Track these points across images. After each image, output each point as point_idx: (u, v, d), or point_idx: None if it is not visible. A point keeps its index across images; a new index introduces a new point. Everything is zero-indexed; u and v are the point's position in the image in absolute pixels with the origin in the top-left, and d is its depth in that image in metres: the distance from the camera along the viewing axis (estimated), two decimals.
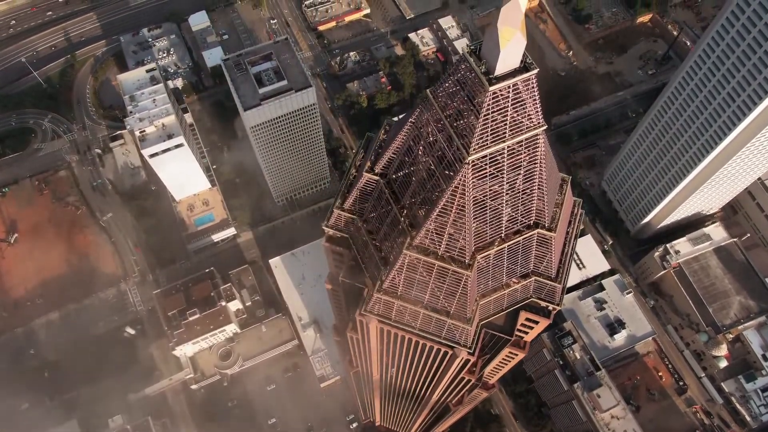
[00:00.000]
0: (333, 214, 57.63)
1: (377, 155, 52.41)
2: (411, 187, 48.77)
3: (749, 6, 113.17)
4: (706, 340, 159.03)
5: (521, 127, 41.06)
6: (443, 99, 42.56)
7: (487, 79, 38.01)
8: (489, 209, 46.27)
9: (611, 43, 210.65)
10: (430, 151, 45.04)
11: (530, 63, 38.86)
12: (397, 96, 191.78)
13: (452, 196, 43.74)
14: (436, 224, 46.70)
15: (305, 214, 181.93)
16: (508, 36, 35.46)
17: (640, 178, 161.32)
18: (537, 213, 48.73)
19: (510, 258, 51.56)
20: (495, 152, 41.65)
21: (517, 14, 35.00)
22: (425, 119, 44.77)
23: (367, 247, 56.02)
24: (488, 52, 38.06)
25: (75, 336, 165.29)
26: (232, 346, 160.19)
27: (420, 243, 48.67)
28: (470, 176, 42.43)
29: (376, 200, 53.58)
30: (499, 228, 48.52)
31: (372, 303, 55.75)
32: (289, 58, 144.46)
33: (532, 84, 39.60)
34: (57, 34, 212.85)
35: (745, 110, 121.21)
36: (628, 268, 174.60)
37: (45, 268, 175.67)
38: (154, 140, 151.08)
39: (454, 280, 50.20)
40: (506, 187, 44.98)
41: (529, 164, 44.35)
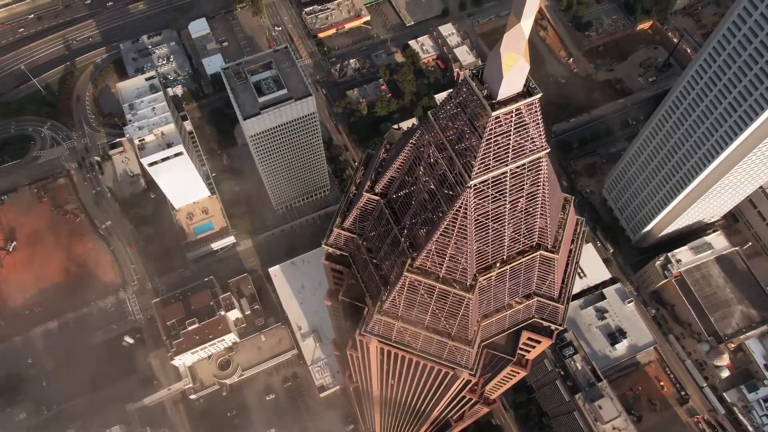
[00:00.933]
0: (332, 233, 56.93)
1: (377, 174, 51.78)
2: (412, 207, 48.12)
3: (750, 16, 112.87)
4: (708, 350, 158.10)
5: (524, 151, 40.46)
6: (445, 121, 41.97)
7: (490, 104, 37.40)
8: (491, 231, 45.63)
9: (611, 51, 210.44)
10: (431, 173, 44.41)
11: (533, 87, 38.26)
12: (397, 103, 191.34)
13: (454, 219, 43.10)
14: (437, 246, 46.04)
15: (305, 222, 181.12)
16: (511, 62, 34.85)
17: (641, 187, 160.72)
18: (540, 234, 48.10)
19: (512, 279, 50.89)
20: (497, 176, 41.05)
21: (521, 40, 34.39)
22: (426, 140, 44.17)
23: (367, 266, 55.33)
24: (491, 76, 37.45)
25: (73, 345, 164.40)
26: (232, 355, 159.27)
27: (421, 265, 48.02)
28: (472, 199, 41.80)
29: (376, 220, 52.93)
30: (501, 250, 47.86)
31: (372, 324, 55.03)
32: (288, 67, 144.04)
33: (536, 108, 39.00)
34: (56, 41, 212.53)
35: (747, 120, 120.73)
36: (629, 276, 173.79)
37: (43, 277, 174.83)
38: (153, 149, 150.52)
39: (456, 303, 49.50)
40: (509, 209, 44.35)
41: (532, 186, 43.72)
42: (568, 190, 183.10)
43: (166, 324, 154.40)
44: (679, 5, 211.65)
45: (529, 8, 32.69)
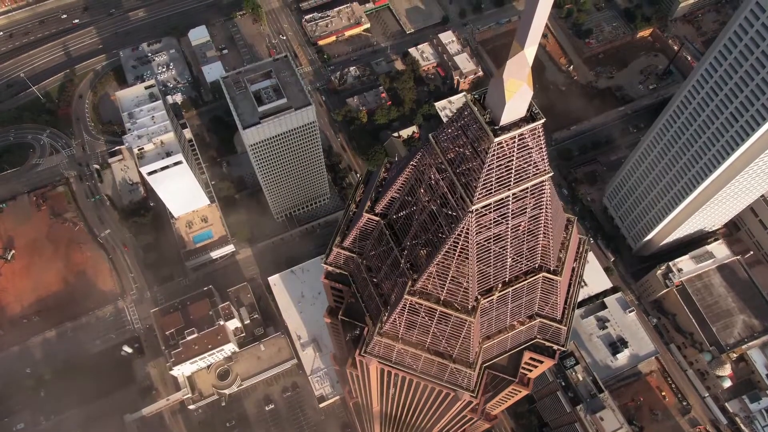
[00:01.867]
0: (332, 252, 56.22)
1: (378, 194, 51.11)
2: (412, 229, 47.46)
3: (752, 27, 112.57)
4: (710, 360, 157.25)
5: (527, 175, 39.85)
6: (446, 144, 41.35)
7: (492, 130, 36.78)
8: (493, 253, 44.96)
9: (612, 58, 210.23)
10: (432, 196, 43.77)
11: (537, 112, 37.63)
12: (397, 111, 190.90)
13: (455, 243, 42.45)
14: (439, 269, 45.37)
15: (305, 230, 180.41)
16: (514, 88, 34.23)
17: (642, 196, 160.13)
18: (542, 256, 47.42)
19: (514, 301, 50.19)
20: (500, 200, 40.40)
21: (524, 67, 33.76)
22: (427, 163, 43.55)
23: (367, 285, 54.63)
24: (493, 102, 36.83)
25: (71, 354, 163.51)
26: (231, 365, 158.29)
27: (422, 287, 47.33)
28: (474, 223, 41.13)
29: (377, 240, 52.25)
30: (503, 272, 47.19)
31: (372, 345, 54.27)
32: (288, 76, 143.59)
33: (539, 133, 38.38)
34: (56, 49, 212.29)
35: (749, 130, 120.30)
36: (631, 285, 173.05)
37: (42, 285, 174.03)
38: (152, 158, 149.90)
39: (457, 325, 48.78)
40: (511, 231, 43.71)
41: (535, 209, 43.09)
42: (568, 198, 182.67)
43: (165, 334, 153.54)
44: (679, 13, 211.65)
45: (533, 36, 32.09)
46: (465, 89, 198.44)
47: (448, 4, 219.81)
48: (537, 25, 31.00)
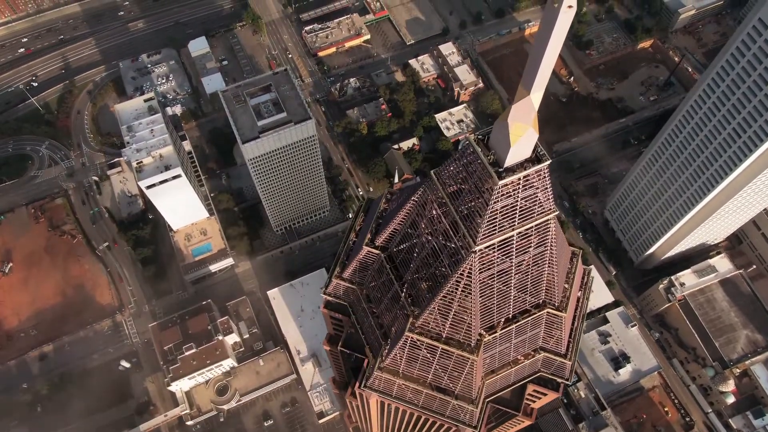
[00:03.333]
0: (331, 283, 55.10)
1: (378, 226, 50.09)
2: (414, 263, 46.40)
3: (755, 43, 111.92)
4: (713, 375, 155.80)
5: (532, 214, 38.85)
6: (448, 181, 40.35)
7: (496, 172, 35.79)
8: (496, 291, 43.88)
9: (612, 69, 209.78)
10: (434, 233, 42.76)
11: (542, 154, 36.66)
12: (397, 123, 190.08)
13: (457, 282, 41.40)
14: (440, 306, 44.30)
15: (304, 242, 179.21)
16: (520, 132, 33.29)
17: (643, 209, 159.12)
18: (547, 292, 46.34)
19: (518, 336, 49.06)
20: (503, 239, 39.39)
21: (530, 112, 32.80)
22: (429, 199, 42.55)
23: (367, 317, 53.53)
24: (497, 144, 35.86)
25: (69, 369, 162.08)
26: (229, 380, 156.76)
27: (423, 324, 46.22)
28: (477, 263, 40.08)
29: (377, 272, 51.20)
30: (506, 309, 46.09)
31: (372, 379, 53.08)
32: (288, 90, 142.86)
33: (544, 173, 37.38)
34: (56, 60, 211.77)
35: (752, 146, 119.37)
36: (632, 299, 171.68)
37: (39, 299, 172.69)
38: (151, 171, 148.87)
39: (459, 363, 47.65)
40: (515, 269, 42.65)
41: (539, 247, 42.06)
42: (570, 210, 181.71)
43: (163, 348, 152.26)
44: (679, 24, 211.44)
45: (540, 82, 31.16)
46: (465, 101, 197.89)
47: (449, 16, 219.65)
48: (544, 71, 30.09)
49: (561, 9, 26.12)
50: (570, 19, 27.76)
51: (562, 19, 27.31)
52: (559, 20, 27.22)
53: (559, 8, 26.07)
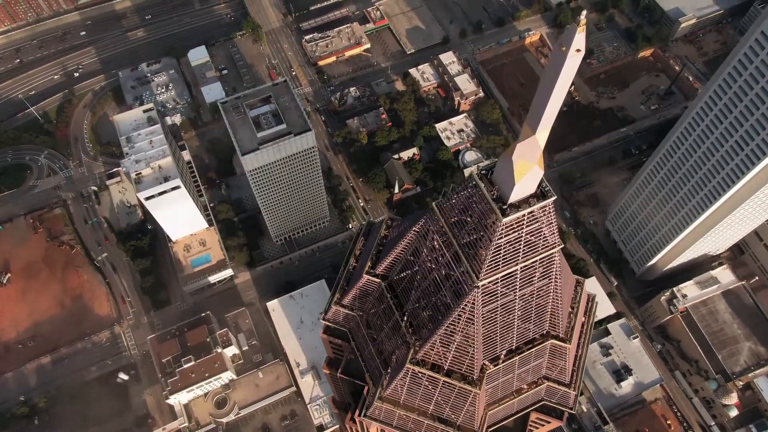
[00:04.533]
0: (331, 310, 54.16)
1: (378, 254, 49.19)
2: (415, 293, 45.48)
3: (757, 56, 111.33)
4: (716, 388, 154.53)
5: (536, 249, 37.97)
6: (450, 214, 39.47)
7: (501, 209, 34.91)
8: (499, 324, 42.97)
9: (613, 78, 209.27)
10: (436, 265, 41.86)
11: (547, 190, 35.78)
12: (397, 132, 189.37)
13: (460, 315, 40.46)
14: (442, 338, 43.35)
15: (304, 253, 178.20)
16: (525, 170, 32.42)
17: (645, 220, 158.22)
18: (551, 323, 45.41)
19: (522, 366, 48.09)
20: (507, 274, 38.50)
21: (536, 151, 31.98)
22: (431, 230, 41.69)
23: (367, 345, 52.56)
24: (501, 180, 35.01)
25: (66, 381, 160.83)
26: (228, 393, 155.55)
27: (424, 356, 45.26)
28: (480, 297, 39.18)
29: (377, 300, 50.29)
30: (510, 340, 45.16)
31: (372, 409, 52.07)
32: (288, 101, 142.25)
33: (550, 209, 36.51)
34: (55, 69, 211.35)
35: (754, 160, 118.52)
36: (634, 310, 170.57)
37: (37, 310, 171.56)
38: (150, 183, 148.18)
39: (462, 395, 46.66)
40: (519, 301, 41.74)
41: (543, 279, 41.15)
42: (570, 221, 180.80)
43: (162, 361, 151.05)
44: (680, 33, 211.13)
45: (546, 122, 30.33)
46: (466, 110, 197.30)
47: (449, 25, 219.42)
48: (551, 112, 29.28)
49: (568, 53, 25.32)
50: (578, 62, 26.98)
51: (569, 63, 26.51)
52: (567, 64, 26.42)
53: (567, 52, 25.28)
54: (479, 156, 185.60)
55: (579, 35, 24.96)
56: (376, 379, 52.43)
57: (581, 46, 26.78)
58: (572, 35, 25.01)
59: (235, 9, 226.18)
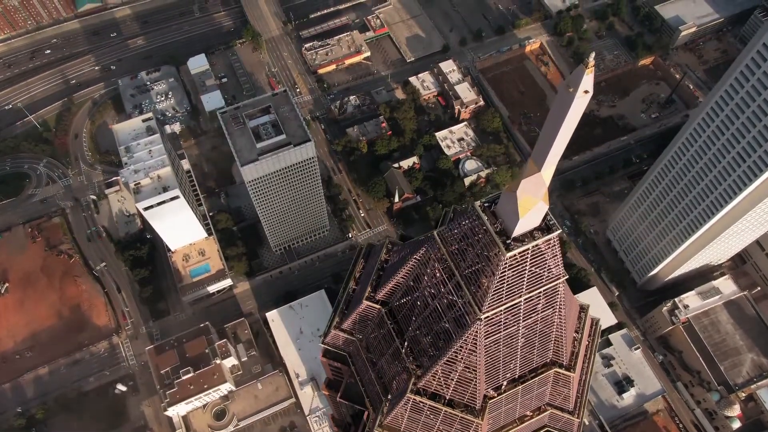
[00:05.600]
0: (330, 333, 53.32)
1: (378, 279, 48.39)
2: (416, 321, 44.67)
3: (759, 68, 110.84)
4: (718, 400, 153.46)
5: (540, 281, 37.19)
6: (452, 244, 38.70)
7: (504, 243, 34.13)
8: (502, 354, 42.15)
9: (613, 86, 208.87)
10: (438, 295, 41.05)
11: (552, 223, 35.03)
12: (397, 141, 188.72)
13: (462, 347, 39.63)
14: (444, 369, 42.52)
15: (304, 263, 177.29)
16: (529, 206, 31.66)
17: (647, 231, 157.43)
18: (555, 351, 44.58)
19: (525, 395, 47.21)
20: (511, 306, 37.72)
21: (541, 187, 31.23)
22: (432, 260, 40.90)
23: (367, 370, 51.66)
24: (505, 214, 34.27)
25: (64, 392, 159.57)
26: (227, 404, 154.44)
27: (425, 386, 44.41)
28: (483, 330, 38.38)
29: (377, 325, 49.45)
30: (514, 369, 44.30)
31: None
32: (287, 111, 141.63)
33: (554, 242, 35.74)
34: (54, 77, 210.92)
35: (756, 171, 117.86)
36: (636, 320, 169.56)
37: (35, 320, 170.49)
38: (149, 192, 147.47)
39: (464, 425, 45.78)
40: (522, 331, 40.94)
41: (547, 309, 40.36)
42: (571, 230, 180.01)
43: (160, 372, 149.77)
44: (680, 41, 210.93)
45: (552, 159, 29.62)
46: (466, 119, 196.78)
47: (449, 33, 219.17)
48: (557, 150, 28.57)
49: (576, 94, 24.59)
50: (585, 103, 26.26)
51: (577, 104, 25.79)
52: (575, 105, 25.69)
53: (575, 93, 24.55)
54: (479, 165, 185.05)
55: (587, 77, 24.33)
56: (376, 405, 51.56)
57: (589, 87, 26.07)
58: (580, 77, 24.43)
59: (235, 17, 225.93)
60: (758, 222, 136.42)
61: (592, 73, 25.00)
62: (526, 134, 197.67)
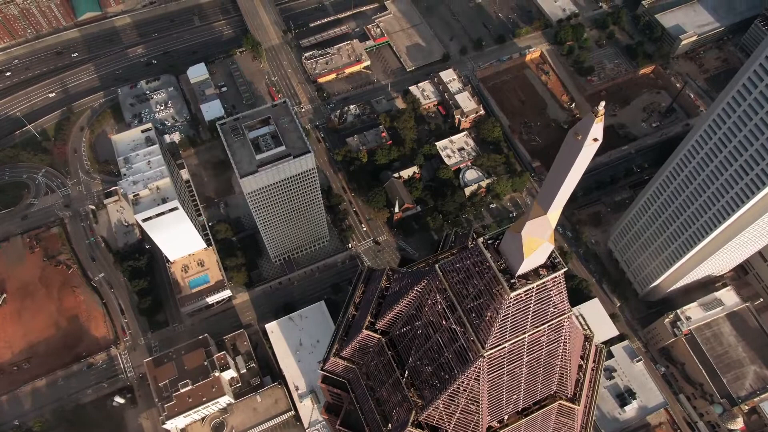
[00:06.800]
0: (329, 361, 52.35)
1: (379, 307, 47.45)
2: (417, 352, 43.72)
3: (762, 81, 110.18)
4: (721, 413, 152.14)
5: (545, 317, 36.30)
6: (455, 278, 37.82)
7: (508, 282, 33.24)
8: (506, 388, 41.19)
9: (614, 95, 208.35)
10: (439, 329, 40.12)
11: (558, 261, 34.15)
12: (398, 151, 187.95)
13: (464, 383, 38.68)
14: (446, 403, 41.56)
15: (303, 273, 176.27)
16: (535, 246, 30.81)
17: (648, 242, 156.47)
18: (559, 383, 43.62)
19: (528, 427, 46.21)
20: (515, 343, 36.82)
21: (546, 229, 30.38)
22: (434, 292, 39.99)
23: (367, 399, 50.64)
24: (509, 252, 33.41)
25: (62, 404, 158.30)
26: (226, 417, 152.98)
27: (427, 419, 43.44)
28: (486, 366, 37.45)
29: (377, 354, 48.48)
30: (516, 403, 43.35)
31: None
32: (287, 122, 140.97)
33: (560, 279, 34.87)
34: (54, 86, 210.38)
35: (759, 184, 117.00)
36: (637, 332, 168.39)
37: (33, 331, 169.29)
38: (147, 204, 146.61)
39: None
40: (526, 366, 40.02)
41: (552, 343, 39.45)
42: (573, 240, 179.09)
43: (158, 385, 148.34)
44: (681, 50, 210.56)
45: (558, 203, 28.78)
46: (466, 128, 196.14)
47: (449, 41, 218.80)
48: (563, 194, 27.74)
49: (585, 142, 23.71)
50: (594, 150, 25.38)
51: (585, 152, 24.92)
52: (583, 152, 24.83)
53: (584, 141, 23.69)
54: (480, 175, 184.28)
55: (597, 125, 23.46)
56: None
57: (599, 135, 25.22)
58: (589, 125, 23.63)
59: (235, 26, 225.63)
60: (761, 233, 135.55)
61: (602, 122, 24.17)
62: (527, 143, 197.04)
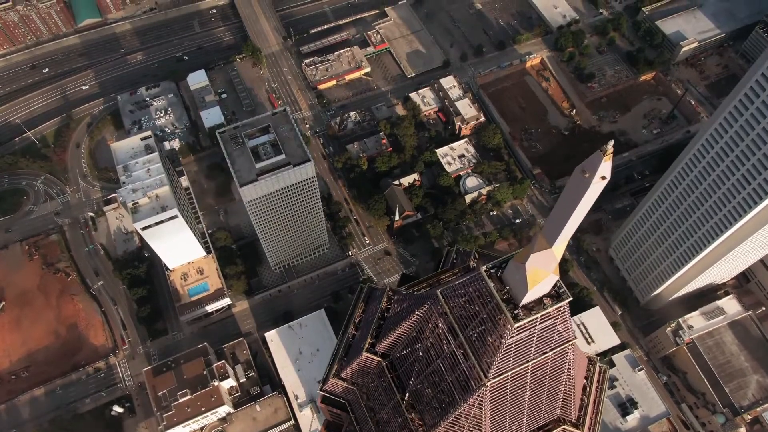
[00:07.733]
0: (329, 381, 51.62)
1: (379, 329, 46.75)
2: (417, 377, 43.00)
3: (764, 90, 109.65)
4: (724, 422, 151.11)
5: (549, 345, 35.62)
6: (457, 305, 37.14)
7: (512, 312, 32.56)
8: (509, 415, 40.46)
9: (615, 102, 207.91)
10: (441, 354, 39.42)
11: (562, 291, 33.47)
12: (398, 158, 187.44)
13: (467, 411, 37.97)
14: (448, 429, 40.80)
15: (303, 281, 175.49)
16: (539, 278, 30.14)
17: (649, 250, 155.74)
18: (562, 408, 42.89)
19: None
20: (518, 371, 36.13)
21: (551, 262, 29.72)
22: (434, 317, 39.30)
23: (367, 421, 49.88)
24: (513, 283, 32.75)
25: (60, 414, 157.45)
26: (225, 426, 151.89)
27: None
28: (488, 395, 36.74)
29: (377, 376, 47.75)
30: (519, 429, 42.57)
31: None
32: (287, 131, 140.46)
33: (564, 309, 34.19)
34: (53, 92, 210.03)
35: (761, 194, 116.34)
36: (639, 340, 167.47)
37: (31, 339, 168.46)
38: (147, 212, 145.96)
39: None
40: (529, 393, 39.29)
41: (556, 371, 38.75)
42: (573, 248, 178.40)
43: (157, 395, 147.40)
44: (681, 56, 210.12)
45: (564, 236, 28.14)
46: (467, 135, 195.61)
47: (449, 48, 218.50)
48: (569, 229, 27.11)
49: (593, 180, 23.12)
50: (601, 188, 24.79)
51: (593, 189, 24.32)
52: (591, 190, 24.23)
53: (591, 179, 23.11)
54: (480, 182, 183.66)
55: (605, 164, 22.99)
56: None
57: (607, 173, 24.62)
58: (597, 163, 23.20)
59: (235, 32, 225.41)
60: (763, 242, 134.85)
61: (610, 161, 23.75)
62: (527, 150, 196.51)
